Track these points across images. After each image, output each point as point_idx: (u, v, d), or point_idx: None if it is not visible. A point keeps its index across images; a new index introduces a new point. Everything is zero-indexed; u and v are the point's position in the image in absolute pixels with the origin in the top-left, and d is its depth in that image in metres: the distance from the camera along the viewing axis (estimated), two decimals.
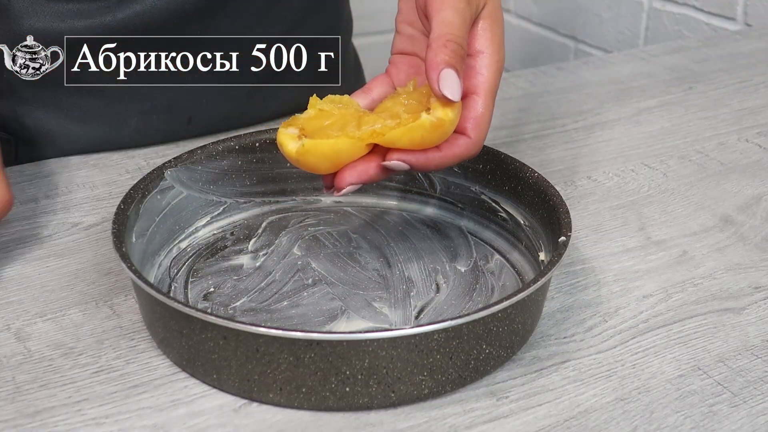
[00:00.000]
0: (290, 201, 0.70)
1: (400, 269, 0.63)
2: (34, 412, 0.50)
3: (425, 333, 0.49)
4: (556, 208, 0.59)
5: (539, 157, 0.79)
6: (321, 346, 0.48)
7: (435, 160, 0.58)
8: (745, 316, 0.60)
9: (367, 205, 0.70)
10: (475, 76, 0.60)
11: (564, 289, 0.62)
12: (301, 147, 0.57)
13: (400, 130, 0.56)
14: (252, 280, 0.61)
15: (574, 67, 0.99)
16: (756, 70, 0.99)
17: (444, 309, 0.59)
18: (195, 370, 0.53)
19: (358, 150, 0.57)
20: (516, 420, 0.51)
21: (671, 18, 1.43)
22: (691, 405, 0.52)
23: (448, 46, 0.57)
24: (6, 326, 0.57)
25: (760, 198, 0.74)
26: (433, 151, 0.58)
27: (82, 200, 0.71)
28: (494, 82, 0.60)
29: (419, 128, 0.56)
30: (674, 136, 0.84)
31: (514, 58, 1.76)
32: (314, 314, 0.58)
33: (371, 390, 0.50)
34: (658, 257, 0.65)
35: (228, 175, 0.67)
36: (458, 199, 0.68)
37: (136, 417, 0.50)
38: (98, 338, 0.56)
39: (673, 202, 0.73)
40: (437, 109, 0.56)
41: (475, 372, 0.52)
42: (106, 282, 0.61)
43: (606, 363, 0.55)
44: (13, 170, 0.74)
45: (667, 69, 0.99)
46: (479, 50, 0.60)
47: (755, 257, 0.66)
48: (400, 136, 0.56)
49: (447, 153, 0.58)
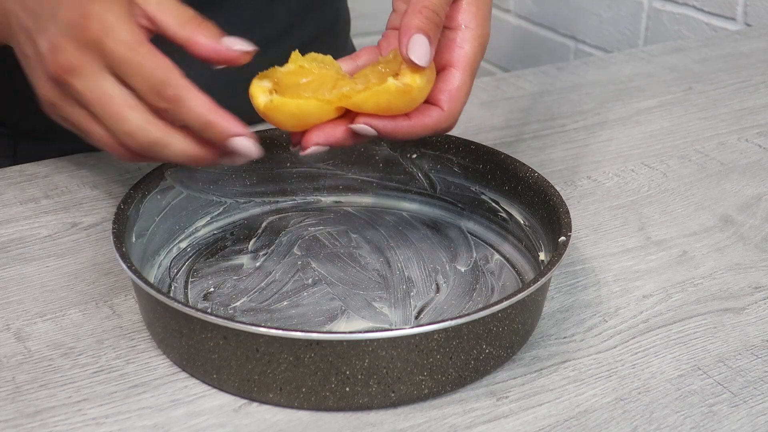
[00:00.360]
0: (290, 201, 0.70)
1: (400, 269, 0.63)
2: (34, 412, 0.50)
3: (425, 333, 0.49)
4: (556, 208, 0.59)
5: (539, 157, 0.79)
6: (321, 346, 0.48)
7: (403, 128, 0.57)
8: (745, 316, 0.60)
9: (367, 205, 0.70)
10: (455, 49, 0.59)
11: (564, 289, 0.62)
12: (269, 102, 0.57)
13: (365, 93, 0.56)
14: (252, 280, 0.61)
15: (574, 67, 1.00)
16: (756, 70, 0.99)
17: (444, 309, 0.59)
18: (195, 370, 0.53)
19: (326, 113, 0.57)
20: (516, 420, 0.51)
21: (671, 18, 1.43)
22: (691, 405, 0.52)
23: (423, 12, 0.56)
24: (6, 326, 0.57)
25: (760, 198, 0.74)
26: (402, 119, 0.57)
27: (82, 200, 0.71)
28: (474, 57, 0.60)
29: (385, 92, 0.56)
30: (674, 136, 0.84)
31: (514, 58, 1.76)
32: (314, 314, 0.58)
33: (371, 390, 0.50)
34: (658, 257, 0.66)
35: (228, 175, 0.67)
36: (458, 199, 0.68)
37: (136, 417, 0.50)
38: (98, 338, 0.56)
39: (673, 202, 0.73)
40: (405, 75, 0.56)
41: (475, 372, 0.52)
42: (106, 282, 0.61)
43: (606, 363, 0.55)
44: (13, 170, 0.75)
45: (667, 69, 0.99)
46: (462, 24, 0.60)
47: (755, 257, 0.66)
48: (365, 99, 0.56)
49: (416, 123, 0.58)
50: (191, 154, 0.56)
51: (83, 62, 0.54)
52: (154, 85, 0.53)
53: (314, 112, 0.56)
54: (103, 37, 0.53)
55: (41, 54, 0.56)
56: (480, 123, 0.85)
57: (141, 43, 0.54)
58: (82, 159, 0.77)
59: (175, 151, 0.55)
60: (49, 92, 0.56)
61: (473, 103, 0.88)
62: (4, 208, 0.69)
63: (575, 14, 1.61)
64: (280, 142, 0.67)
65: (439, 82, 0.58)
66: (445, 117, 0.58)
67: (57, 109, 0.57)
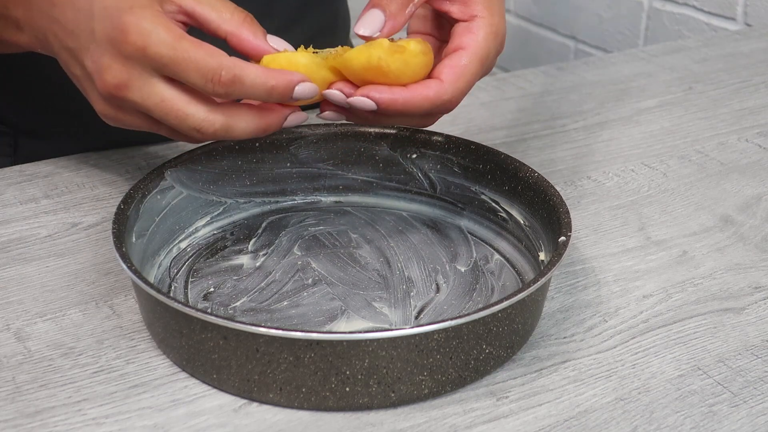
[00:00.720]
0: (290, 201, 0.70)
1: (400, 269, 0.63)
2: (34, 412, 0.50)
3: (425, 333, 0.49)
4: (556, 208, 0.59)
5: (539, 157, 0.79)
6: (321, 346, 0.48)
7: (400, 98, 0.58)
8: (745, 316, 0.60)
9: (367, 205, 0.70)
10: (466, 34, 0.61)
11: (564, 289, 0.62)
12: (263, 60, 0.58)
13: (357, 48, 0.57)
14: (252, 280, 0.61)
15: (574, 67, 1.00)
16: (756, 70, 0.99)
17: (444, 309, 0.59)
18: (195, 370, 0.53)
19: (316, 70, 0.58)
20: (516, 420, 0.51)
21: (671, 18, 1.43)
22: (691, 405, 0.52)
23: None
24: (6, 326, 0.57)
25: (760, 198, 0.74)
26: (400, 89, 0.58)
27: (82, 200, 0.71)
28: (484, 43, 0.61)
29: (378, 46, 0.57)
30: (674, 136, 0.84)
31: (514, 58, 1.76)
32: (314, 314, 0.58)
33: (371, 390, 0.50)
34: (658, 257, 0.66)
35: (228, 175, 0.67)
36: (458, 199, 0.68)
37: (136, 417, 0.50)
38: (98, 338, 0.56)
39: (673, 202, 0.73)
40: (401, 41, 0.58)
41: (475, 372, 0.52)
42: (106, 282, 0.61)
43: (606, 363, 0.55)
44: (13, 170, 0.75)
45: (667, 69, 0.99)
46: (475, 14, 0.61)
47: (755, 257, 0.66)
48: (356, 54, 0.57)
49: (415, 93, 0.58)
50: (258, 127, 0.58)
51: (132, 75, 0.55)
52: (208, 75, 0.54)
53: (304, 67, 0.57)
54: (144, 46, 0.54)
55: (90, 74, 0.57)
56: (480, 123, 0.85)
57: (181, 39, 0.54)
58: (82, 159, 0.77)
59: (243, 130, 0.57)
60: (106, 108, 0.58)
61: (473, 104, 0.88)
62: (4, 208, 0.69)
63: (575, 14, 1.61)
64: (280, 142, 0.67)
65: (445, 59, 0.60)
66: (443, 89, 0.59)
67: (118, 121, 0.59)
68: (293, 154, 0.68)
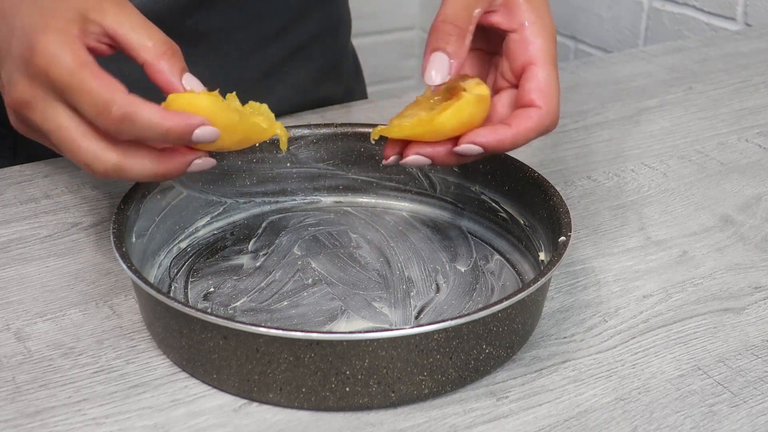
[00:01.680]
0: (290, 201, 0.70)
1: (400, 269, 0.63)
2: (34, 412, 0.50)
3: (425, 333, 0.49)
4: (556, 208, 0.59)
5: (539, 157, 0.79)
6: (321, 346, 0.48)
7: (508, 137, 0.56)
8: (745, 316, 0.60)
9: (367, 205, 0.70)
10: (526, 47, 0.58)
11: (564, 289, 0.62)
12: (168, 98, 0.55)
13: (448, 111, 0.55)
14: (252, 280, 0.61)
15: (574, 67, 1.00)
16: (756, 70, 0.99)
17: (444, 309, 0.59)
18: (195, 370, 0.53)
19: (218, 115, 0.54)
20: (516, 420, 0.51)
21: (671, 18, 1.43)
22: (691, 405, 0.52)
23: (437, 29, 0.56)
24: (6, 326, 0.57)
25: (760, 198, 0.74)
26: (502, 129, 0.56)
27: (82, 200, 0.71)
28: (549, 48, 0.58)
29: (467, 104, 0.55)
30: (674, 136, 0.84)
31: None
32: (314, 314, 0.58)
33: (371, 390, 0.50)
34: (658, 257, 0.66)
35: (228, 175, 0.67)
36: (458, 199, 0.68)
37: (136, 417, 0.50)
38: (98, 338, 0.56)
39: (673, 202, 0.73)
40: (470, 88, 0.56)
41: (475, 372, 0.52)
42: (106, 282, 0.61)
43: (606, 363, 0.55)
44: (13, 170, 0.75)
45: (667, 69, 0.99)
46: (524, 22, 0.59)
47: (755, 257, 0.66)
48: (449, 117, 0.55)
49: (519, 128, 0.56)
50: (155, 172, 0.54)
51: (35, 95, 0.53)
52: (99, 107, 0.51)
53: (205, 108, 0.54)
54: (46, 69, 0.52)
55: (3, 87, 0.56)
56: None
57: (83, 66, 0.52)
58: None
59: (138, 172, 0.54)
60: (15, 121, 0.56)
61: None
62: (4, 208, 0.69)
63: (575, 14, 1.61)
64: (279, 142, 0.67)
65: (524, 82, 0.57)
66: (545, 114, 0.57)
67: (27, 135, 0.57)
68: (293, 154, 0.68)
